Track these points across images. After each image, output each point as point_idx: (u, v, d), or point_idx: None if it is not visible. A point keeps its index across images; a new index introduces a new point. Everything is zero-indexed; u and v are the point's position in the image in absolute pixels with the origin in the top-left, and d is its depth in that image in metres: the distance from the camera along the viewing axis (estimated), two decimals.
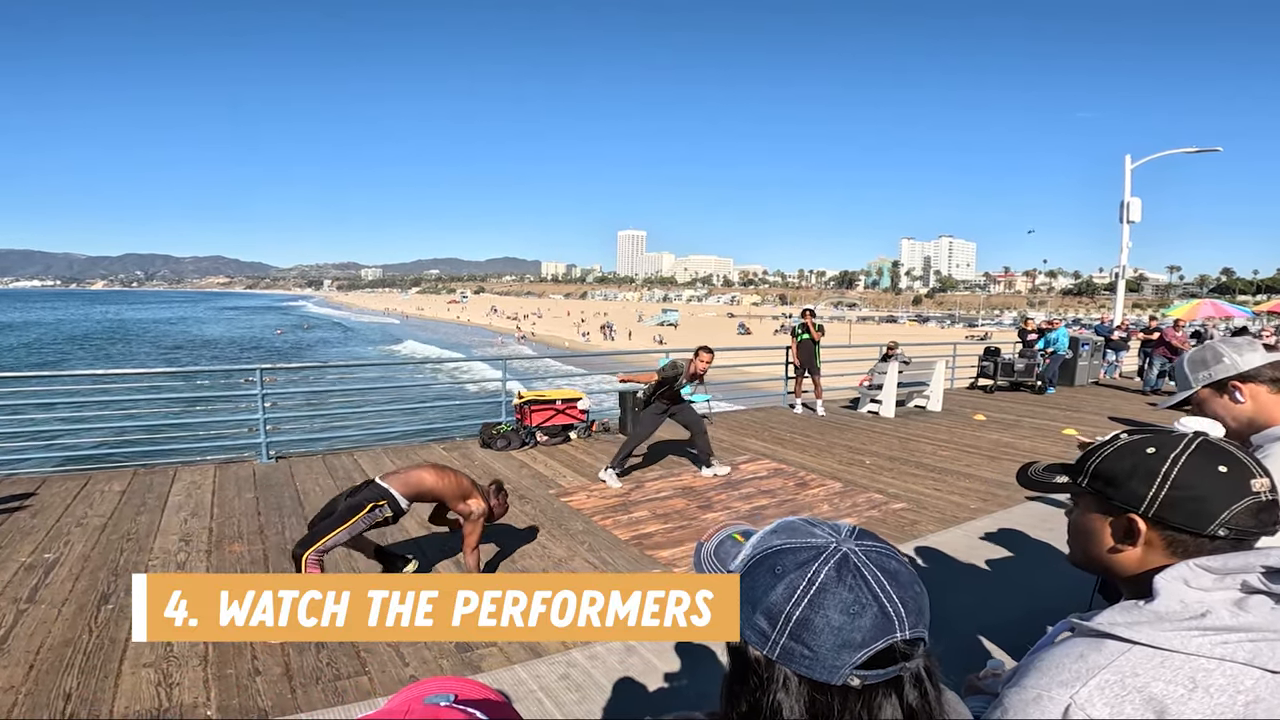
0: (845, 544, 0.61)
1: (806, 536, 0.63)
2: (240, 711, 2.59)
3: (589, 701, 2.71)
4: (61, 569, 3.88)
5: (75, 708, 2.58)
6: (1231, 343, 1.56)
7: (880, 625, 0.57)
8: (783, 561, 0.61)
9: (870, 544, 0.62)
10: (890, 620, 0.57)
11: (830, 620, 0.57)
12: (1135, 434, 0.87)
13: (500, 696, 0.72)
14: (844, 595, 0.58)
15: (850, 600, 0.57)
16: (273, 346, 55.45)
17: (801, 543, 0.62)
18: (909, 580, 0.60)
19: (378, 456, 6.86)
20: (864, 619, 0.57)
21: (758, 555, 0.64)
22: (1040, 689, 0.74)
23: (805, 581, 0.59)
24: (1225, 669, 0.69)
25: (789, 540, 0.63)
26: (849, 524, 0.65)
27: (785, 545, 0.62)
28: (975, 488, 5.94)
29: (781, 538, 0.63)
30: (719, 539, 0.72)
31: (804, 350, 9.82)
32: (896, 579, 0.59)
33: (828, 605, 0.58)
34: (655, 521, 4.97)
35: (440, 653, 3.06)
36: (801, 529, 0.64)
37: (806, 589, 0.58)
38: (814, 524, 0.65)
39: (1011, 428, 8.95)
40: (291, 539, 4.44)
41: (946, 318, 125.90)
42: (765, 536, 0.65)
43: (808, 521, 0.65)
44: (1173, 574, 0.76)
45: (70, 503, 5.14)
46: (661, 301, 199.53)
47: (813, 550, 0.61)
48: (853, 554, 0.60)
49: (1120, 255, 17.59)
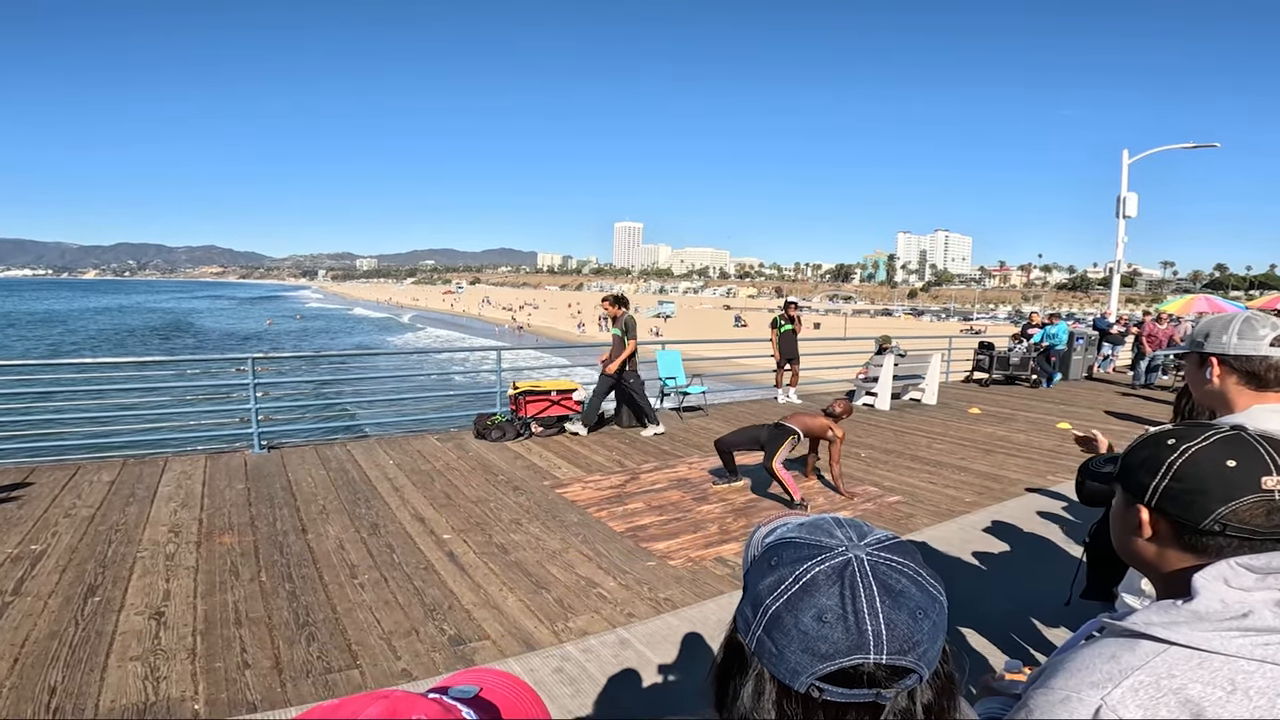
0: (855, 550, 0.57)
1: (822, 535, 0.60)
2: (229, 705, 2.55)
3: (583, 695, 2.68)
4: (48, 561, 3.83)
5: (61, 701, 2.53)
6: (1252, 323, 1.49)
7: (851, 642, 0.53)
8: (784, 554, 0.59)
9: (886, 557, 0.57)
10: (864, 639, 0.53)
11: (800, 623, 0.54)
12: (1176, 425, 0.85)
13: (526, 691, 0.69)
14: (824, 602, 0.54)
15: (828, 608, 0.54)
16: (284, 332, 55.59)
17: (811, 539, 0.59)
18: (916, 606, 0.55)
19: (371, 447, 6.81)
20: (835, 631, 0.53)
21: (772, 543, 0.62)
22: (1070, 690, 0.71)
23: (792, 579, 0.56)
24: (1266, 671, 0.67)
25: (802, 535, 0.60)
26: (886, 532, 0.61)
27: (796, 539, 0.60)
28: (970, 481, 5.93)
29: (799, 531, 0.61)
30: (774, 527, 0.68)
31: (786, 341, 10.03)
32: (897, 599, 0.54)
33: (803, 608, 0.55)
34: (650, 514, 4.94)
35: (433, 646, 3.03)
36: (824, 527, 0.61)
37: (790, 586, 0.56)
38: (842, 524, 0.61)
39: (1007, 421, 8.95)
40: (282, 530, 4.41)
41: (942, 311, 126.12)
42: (790, 527, 0.63)
43: (838, 521, 0.61)
44: (1213, 572, 0.74)
45: (58, 493, 5.08)
46: (658, 293, 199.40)
47: (816, 549, 0.58)
48: (857, 562, 0.56)
49: (1116, 250, 17.63)
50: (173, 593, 3.48)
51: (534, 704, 0.67)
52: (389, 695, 0.54)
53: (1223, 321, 1.53)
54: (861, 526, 0.61)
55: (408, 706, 0.52)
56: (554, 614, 3.37)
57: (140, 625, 3.13)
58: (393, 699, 0.53)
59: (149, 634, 3.05)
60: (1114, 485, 0.91)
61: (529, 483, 5.69)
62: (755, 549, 0.63)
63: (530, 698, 0.68)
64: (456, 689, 0.63)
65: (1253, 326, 1.48)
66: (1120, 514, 0.88)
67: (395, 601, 3.45)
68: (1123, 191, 17.17)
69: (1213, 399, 1.55)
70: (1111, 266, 18.31)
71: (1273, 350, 1.45)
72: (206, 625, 3.15)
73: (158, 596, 3.43)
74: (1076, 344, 13.54)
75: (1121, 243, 17.37)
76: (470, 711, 0.57)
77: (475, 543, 4.29)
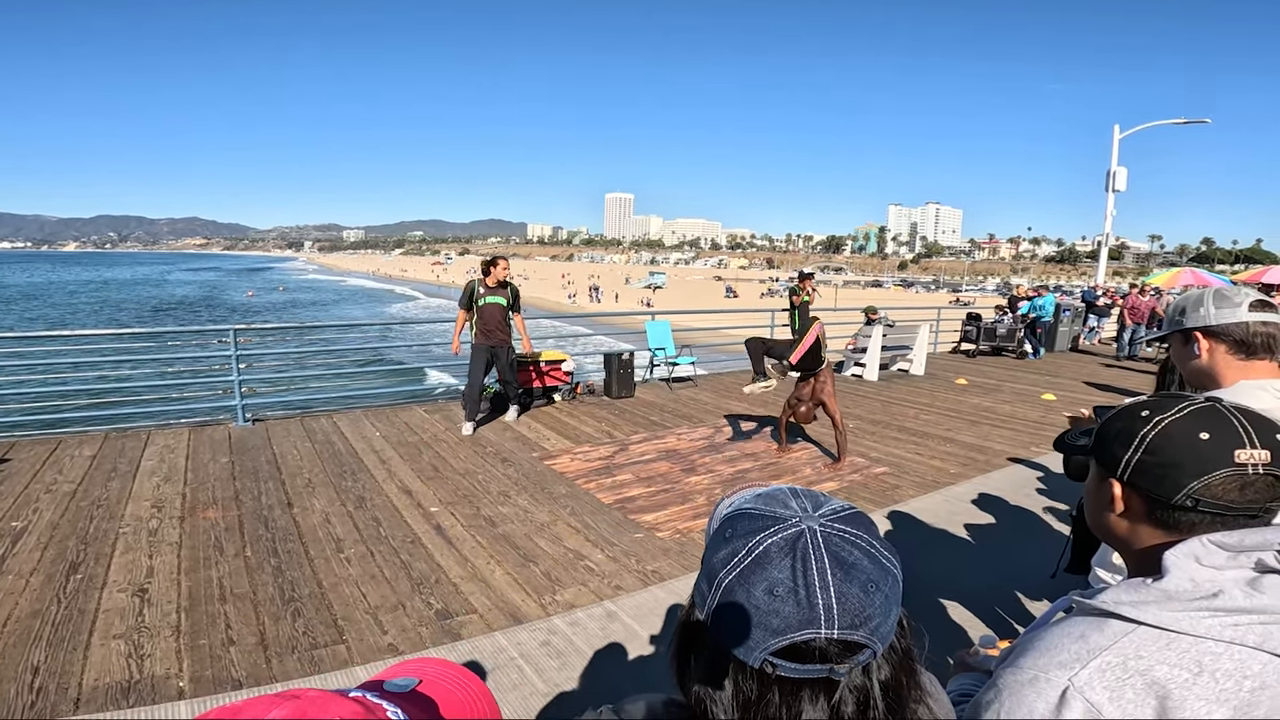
0: (809, 521, 0.56)
1: (777, 506, 0.58)
2: (213, 683, 2.54)
3: (570, 668, 2.70)
4: (29, 537, 3.78)
5: (44, 681, 2.51)
6: (1224, 294, 1.51)
7: (803, 616, 0.51)
8: (738, 526, 0.57)
9: (839, 528, 0.55)
10: (815, 613, 0.51)
11: (752, 596, 0.53)
12: (1151, 397, 0.83)
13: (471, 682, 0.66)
14: (775, 575, 0.53)
15: (779, 581, 0.53)
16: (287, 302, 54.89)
17: (766, 510, 0.58)
18: (868, 579, 0.53)
19: (357, 419, 6.76)
20: (786, 604, 0.52)
21: (728, 515, 0.60)
22: (1038, 670, 0.70)
23: (745, 551, 0.55)
24: (1233, 653, 0.66)
25: (758, 506, 0.59)
26: (843, 503, 0.59)
27: (751, 510, 0.58)
28: (956, 452, 5.97)
29: (755, 503, 0.60)
30: (733, 499, 0.66)
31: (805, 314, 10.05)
32: (848, 572, 0.53)
33: (755, 581, 0.53)
34: (639, 485, 4.95)
35: (420, 620, 3.03)
36: (780, 498, 0.59)
37: (744, 559, 0.55)
38: (798, 494, 0.60)
39: (993, 392, 9.01)
40: (268, 504, 4.38)
41: (931, 283, 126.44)
42: (746, 498, 0.61)
43: (794, 491, 0.60)
44: (1184, 550, 0.72)
45: (39, 468, 5.01)
46: (649, 264, 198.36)
47: (769, 521, 0.56)
48: (809, 534, 0.54)
49: (1105, 223, 17.66)
50: (156, 569, 3.45)
51: (478, 695, 0.64)
52: (300, 696, 0.49)
53: (1195, 297, 1.55)
54: (818, 497, 0.60)
55: (318, 708, 0.48)
56: (541, 587, 3.38)
57: (123, 602, 3.10)
58: (303, 700, 0.48)
59: (132, 611, 3.03)
60: (1088, 459, 0.89)
61: (517, 454, 5.67)
62: (715, 521, 0.62)
63: (475, 688, 0.64)
64: (393, 682, 0.59)
65: (1225, 297, 1.50)
66: (1093, 489, 0.86)
67: (382, 576, 3.44)
68: (1113, 166, 17.15)
69: (1201, 375, 1.55)
70: (1100, 240, 18.34)
71: (1253, 315, 1.46)
72: (190, 602, 3.13)
73: (141, 573, 3.40)
74: (1063, 316, 13.63)
75: (1110, 216, 17.40)
76: (398, 710, 0.53)
77: (463, 515, 4.28)
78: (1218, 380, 1.50)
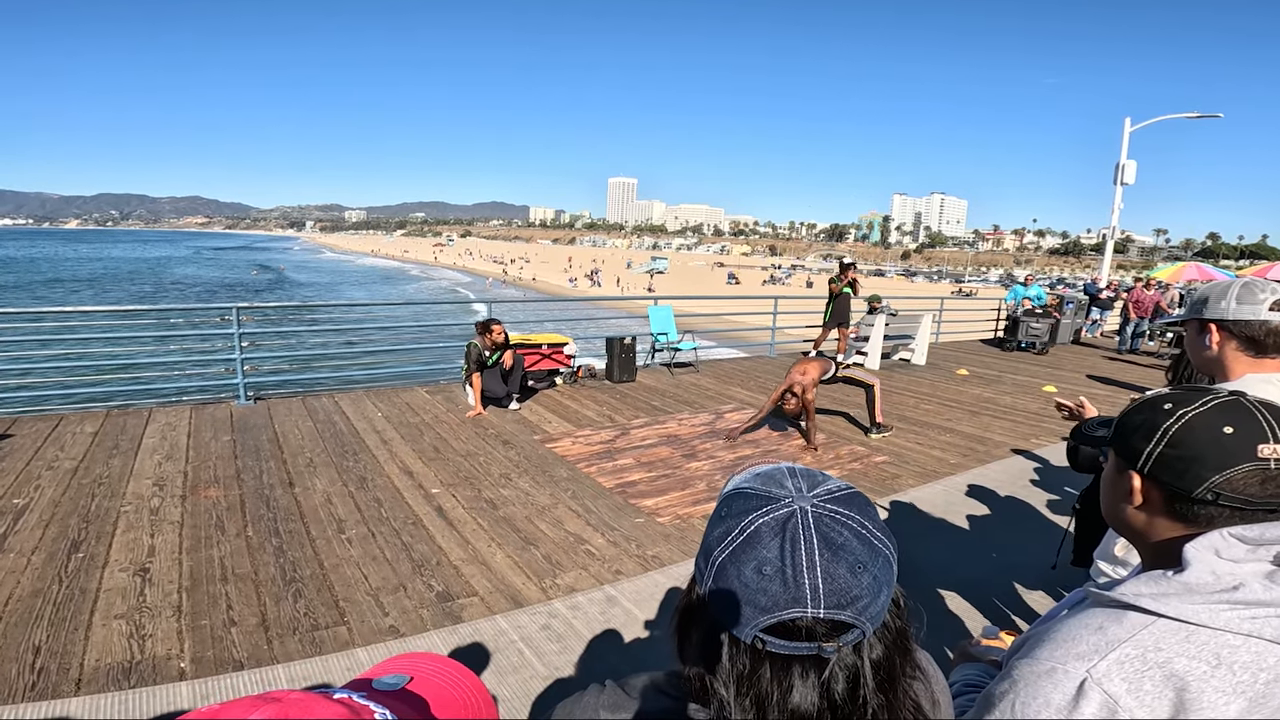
0: (801, 502, 0.57)
1: (773, 486, 0.59)
2: (215, 663, 2.55)
3: (570, 652, 2.71)
4: (31, 515, 3.79)
5: (45, 661, 2.51)
6: (1251, 288, 1.48)
7: (789, 595, 0.53)
8: (734, 505, 0.59)
9: (831, 509, 0.56)
10: (800, 593, 0.53)
11: (743, 574, 0.55)
12: (1174, 390, 0.82)
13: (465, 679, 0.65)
14: (764, 554, 0.54)
15: (767, 560, 0.54)
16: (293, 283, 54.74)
17: (761, 490, 0.59)
18: (856, 560, 0.54)
19: (359, 399, 6.76)
20: (773, 583, 0.53)
21: (726, 494, 0.62)
22: (1055, 661, 0.70)
23: (738, 529, 0.56)
24: (1251, 645, 0.66)
25: (754, 486, 0.60)
26: (841, 483, 0.60)
27: (747, 489, 0.60)
28: (956, 443, 5.97)
29: (753, 482, 0.61)
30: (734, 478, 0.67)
31: (843, 304, 10.37)
32: (836, 553, 0.54)
33: (745, 559, 0.55)
34: (640, 470, 4.95)
35: (421, 603, 3.04)
36: (776, 477, 0.60)
37: (736, 537, 0.56)
38: (795, 474, 0.61)
39: (993, 383, 9.00)
40: (269, 483, 4.38)
41: (934, 273, 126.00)
42: (744, 478, 0.63)
43: (791, 471, 0.61)
44: (1204, 543, 0.72)
45: (41, 445, 5.01)
46: (651, 249, 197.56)
47: (763, 500, 0.57)
48: (800, 515, 0.55)
49: (1111, 216, 17.53)
50: (157, 548, 3.46)
51: (473, 692, 0.63)
52: (281, 698, 0.48)
53: (1221, 287, 1.53)
54: (815, 477, 0.60)
55: (301, 710, 0.47)
56: (542, 571, 3.39)
57: (125, 582, 3.11)
58: (285, 702, 0.47)
59: (134, 591, 3.04)
60: (1106, 450, 0.89)
61: (519, 437, 5.67)
62: (718, 500, 0.64)
63: (470, 685, 0.63)
64: (382, 680, 0.58)
65: (1252, 291, 1.48)
66: (1111, 480, 0.86)
67: (383, 557, 3.45)
68: (1122, 159, 17.00)
69: (1211, 365, 1.55)
70: (1105, 232, 18.23)
71: (1272, 315, 1.45)
72: (192, 582, 3.14)
73: (142, 552, 3.41)
74: (1066, 308, 13.59)
75: (1118, 209, 17.27)
76: (385, 711, 0.52)
77: (464, 498, 4.28)
78: (1225, 373, 1.50)
